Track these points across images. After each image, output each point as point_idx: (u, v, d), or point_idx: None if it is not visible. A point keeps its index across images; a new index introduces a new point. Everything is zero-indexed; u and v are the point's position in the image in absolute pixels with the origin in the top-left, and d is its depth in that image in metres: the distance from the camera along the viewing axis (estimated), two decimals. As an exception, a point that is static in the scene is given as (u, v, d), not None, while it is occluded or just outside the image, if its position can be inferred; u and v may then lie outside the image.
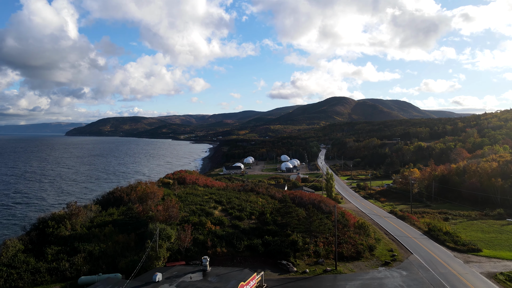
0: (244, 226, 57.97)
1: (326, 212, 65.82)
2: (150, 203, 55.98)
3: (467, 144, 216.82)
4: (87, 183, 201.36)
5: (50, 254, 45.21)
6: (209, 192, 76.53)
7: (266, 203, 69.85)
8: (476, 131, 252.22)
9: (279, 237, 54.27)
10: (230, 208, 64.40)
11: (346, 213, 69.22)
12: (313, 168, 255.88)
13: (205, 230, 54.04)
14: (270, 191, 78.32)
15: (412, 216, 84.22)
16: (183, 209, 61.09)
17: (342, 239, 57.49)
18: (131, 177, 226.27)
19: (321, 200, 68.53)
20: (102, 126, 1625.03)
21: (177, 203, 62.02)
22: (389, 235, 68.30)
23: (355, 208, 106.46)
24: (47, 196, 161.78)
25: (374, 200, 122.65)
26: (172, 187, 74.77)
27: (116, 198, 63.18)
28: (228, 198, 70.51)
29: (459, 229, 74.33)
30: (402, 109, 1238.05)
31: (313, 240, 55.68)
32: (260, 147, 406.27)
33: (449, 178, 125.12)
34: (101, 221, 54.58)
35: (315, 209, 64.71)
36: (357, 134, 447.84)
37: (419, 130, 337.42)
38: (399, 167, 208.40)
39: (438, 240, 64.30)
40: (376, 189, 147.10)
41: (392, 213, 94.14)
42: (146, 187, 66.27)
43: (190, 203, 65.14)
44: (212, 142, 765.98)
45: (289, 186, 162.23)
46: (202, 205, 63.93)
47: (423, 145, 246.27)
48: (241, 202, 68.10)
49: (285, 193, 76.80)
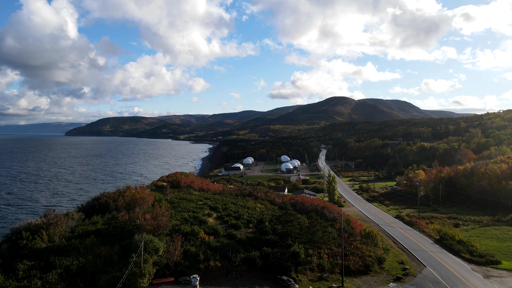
0: (240, 235, 52.97)
1: (330, 219, 60.79)
2: (137, 211, 50.96)
3: (471, 145, 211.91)
4: (82, 184, 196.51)
5: (21, 270, 40.12)
6: (204, 197, 71.43)
7: (265, 210, 64.73)
8: (480, 131, 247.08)
9: (279, 248, 49.30)
10: (225, 215, 59.30)
11: (352, 220, 64.19)
12: (313, 169, 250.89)
13: (197, 240, 49.04)
14: (269, 195, 73.25)
15: (421, 222, 79.14)
16: (174, 217, 55.98)
17: (348, 250, 52.51)
18: (128, 178, 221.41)
19: (324, 206, 63.48)
20: (102, 126, 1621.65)
21: (168, 210, 57.00)
22: (398, 244, 63.27)
23: (359, 212, 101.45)
24: (41, 197, 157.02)
25: (378, 204, 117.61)
26: (165, 191, 69.67)
27: (102, 204, 57.98)
28: (224, 203, 65.37)
29: (472, 237, 69.32)
30: (402, 109, 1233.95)
31: (316, 252, 50.70)
32: (260, 147, 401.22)
33: (456, 181, 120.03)
34: (83, 230, 49.51)
35: (318, 216, 59.72)
36: (357, 134, 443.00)
37: (421, 130, 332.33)
38: (402, 168, 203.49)
39: (451, 250, 59.23)
40: (379, 191, 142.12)
41: (399, 218, 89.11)
42: (135, 192, 61.23)
43: (183, 210, 59.99)
44: (212, 142, 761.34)
45: (289, 188, 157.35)
46: (195, 212, 58.81)
47: (426, 146, 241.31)
48: (238, 208, 62.98)
49: (285, 198, 71.69)
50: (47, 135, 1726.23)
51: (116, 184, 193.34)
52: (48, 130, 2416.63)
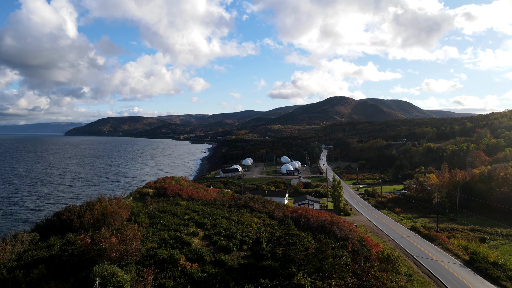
0: (232, 262, 42.83)
1: (340, 237, 50.58)
2: (104, 231, 40.90)
3: (480, 146, 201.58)
4: (71, 187, 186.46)
5: None
6: (191, 208, 61.06)
7: (262, 226, 54.36)
8: (489, 132, 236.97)
9: (279, 280, 39.26)
10: (215, 234, 48.99)
11: (366, 238, 53.92)
12: (315, 171, 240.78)
13: (176, 270, 38.94)
14: (268, 207, 62.91)
15: (442, 237, 68.89)
16: (151, 238, 45.69)
17: (365, 280, 42.42)
18: (119, 180, 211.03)
19: (333, 221, 53.20)
20: (102, 126, 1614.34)
21: (144, 229, 46.88)
22: (421, 267, 53.11)
23: (368, 222, 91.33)
24: (20, 200, 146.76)
25: (387, 211, 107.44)
26: (144, 204, 59.33)
27: (64, 221, 47.61)
28: (214, 218, 54.92)
29: (505, 256, 59.34)
30: (403, 109, 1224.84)
31: (326, 283, 40.58)
32: (260, 147, 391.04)
33: (472, 186, 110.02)
34: (33, 258, 39.38)
35: (326, 234, 49.68)
36: (359, 134, 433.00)
37: (425, 130, 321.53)
38: (409, 170, 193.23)
39: (487, 276, 49.07)
40: (387, 196, 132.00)
41: (414, 230, 78.95)
42: (108, 205, 51.08)
43: (163, 228, 49.61)
44: (212, 142, 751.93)
45: (290, 192, 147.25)
46: (178, 231, 48.44)
47: (432, 147, 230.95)
48: (230, 224, 52.66)
49: (286, 210, 61.17)
50: (46, 135, 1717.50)
51: (106, 187, 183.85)
52: (48, 130, 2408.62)
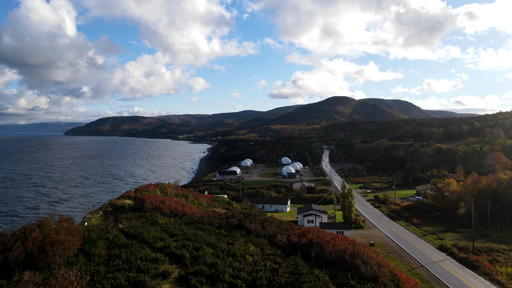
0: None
1: (367, 276, 37.11)
2: (28, 277, 27.46)
3: (495, 147, 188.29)
4: (56, 189, 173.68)
5: None
6: (170, 231, 47.32)
7: (261, 258, 40.45)
8: (503, 132, 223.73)
9: None
10: (194, 273, 35.23)
11: (399, 274, 40.23)
12: (317, 173, 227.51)
13: None
14: (268, 228, 49.09)
15: (485, 263, 55.38)
16: (100, 284, 32.26)
17: None
18: (107, 182, 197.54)
19: (356, 252, 39.53)
20: (101, 125, 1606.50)
21: (90, 270, 33.48)
22: (474, 314, 40.05)
23: (385, 238, 77.88)
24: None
25: (405, 222, 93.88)
26: (107, 226, 45.53)
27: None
28: (196, 247, 41.17)
29: None
30: (403, 109, 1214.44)
31: None
32: (260, 148, 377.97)
33: (501, 193, 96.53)
34: None
35: (348, 273, 36.31)
36: (361, 134, 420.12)
37: (432, 130, 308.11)
38: (420, 173, 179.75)
39: None
40: (400, 204, 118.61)
41: (445, 251, 65.35)
42: (51, 231, 37.78)
43: (122, 265, 35.73)
44: (211, 142, 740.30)
45: (292, 198, 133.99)
46: (142, 270, 34.86)
47: (442, 148, 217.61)
48: (216, 257, 38.91)
49: (292, 235, 46.99)
50: (46, 135, 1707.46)
51: (85, 192, 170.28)
52: (48, 129, 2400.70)
